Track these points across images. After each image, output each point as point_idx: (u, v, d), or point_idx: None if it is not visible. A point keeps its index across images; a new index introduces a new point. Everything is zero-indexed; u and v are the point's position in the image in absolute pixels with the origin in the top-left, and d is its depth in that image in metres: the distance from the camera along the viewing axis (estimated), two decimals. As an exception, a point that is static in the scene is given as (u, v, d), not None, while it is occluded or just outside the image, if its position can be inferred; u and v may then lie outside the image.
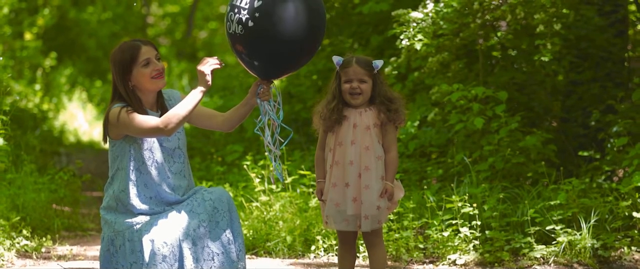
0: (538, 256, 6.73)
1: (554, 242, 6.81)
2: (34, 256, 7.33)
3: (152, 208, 4.88)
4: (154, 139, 4.89)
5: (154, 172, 4.88)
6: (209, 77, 4.82)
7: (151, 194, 4.89)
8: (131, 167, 4.87)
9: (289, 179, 7.95)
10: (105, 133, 4.93)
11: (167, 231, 4.79)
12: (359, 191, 5.01)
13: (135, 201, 4.86)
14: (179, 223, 4.81)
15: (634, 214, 6.88)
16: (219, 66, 4.83)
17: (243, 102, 5.03)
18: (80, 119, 18.97)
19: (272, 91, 4.97)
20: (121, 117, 4.80)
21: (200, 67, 4.82)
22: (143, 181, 4.87)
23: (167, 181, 4.90)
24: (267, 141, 5.01)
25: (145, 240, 4.78)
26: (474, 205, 7.02)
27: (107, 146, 4.98)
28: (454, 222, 7.02)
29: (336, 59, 5.12)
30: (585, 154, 8.33)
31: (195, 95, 4.82)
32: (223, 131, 5.13)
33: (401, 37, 8.59)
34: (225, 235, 4.85)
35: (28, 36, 20.69)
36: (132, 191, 4.86)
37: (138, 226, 4.82)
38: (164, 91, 5.05)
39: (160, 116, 4.88)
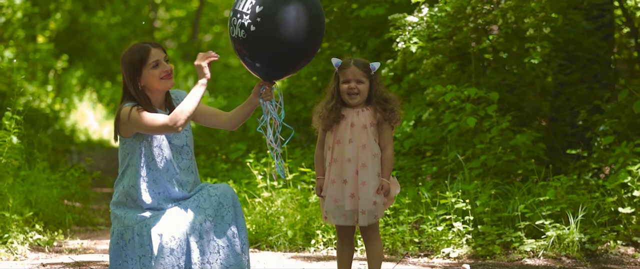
0: (528, 249, 6.74)
1: (543, 236, 6.82)
2: (47, 250, 7.33)
3: (160, 204, 4.88)
4: (163, 137, 4.90)
5: (163, 168, 4.89)
6: (206, 70, 4.83)
7: (160, 189, 4.89)
8: (141, 164, 4.87)
9: (290, 176, 7.95)
10: (116, 131, 4.93)
11: (175, 226, 4.80)
12: (356, 188, 5.01)
13: (145, 196, 4.87)
14: (186, 217, 4.82)
15: (620, 209, 6.89)
16: (215, 58, 4.85)
17: (246, 102, 5.03)
18: (90, 118, 18.99)
19: (274, 92, 4.98)
20: (132, 115, 4.81)
21: (197, 62, 4.84)
22: (152, 177, 4.88)
23: (175, 177, 4.91)
24: (269, 139, 5.01)
25: (154, 234, 4.79)
26: (467, 201, 7.02)
27: (117, 144, 4.99)
28: (447, 217, 7.02)
29: (335, 60, 5.13)
30: (573, 152, 8.33)
31: (198, 89, 4.84)
32: (227, 129, 5.13)
33: (397, 40, 8.59)
34: (230, 229, 4.86)
35: (41, 39, 20.70)
36: (142, 186, 4.87)
37: (147, 221, 4.83)
38: (172, 90, 5.05)
39: (169, 115, 4.90)
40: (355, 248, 6.80)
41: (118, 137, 4.95)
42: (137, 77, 4.89)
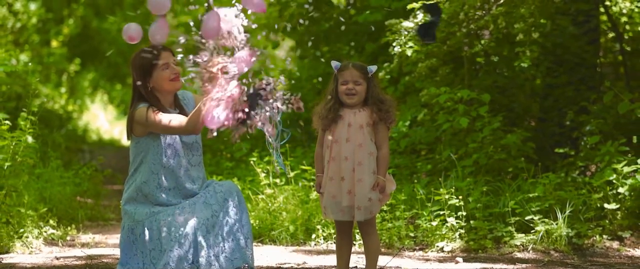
0: (518, 243, 6.74)
1: (532, 231, 6.82)
2: (60, 244, 7.33)
3: (170, 200, 4.89)
4: (175, 135, 4.91)
5: (175, 165, 4.89)
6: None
7: (171, 186, 4.89)
8: (154, 161, 4.87)
9: (291, 174, 7.95)
10: (129, 131, 4.93)
11: (183, 221, 4.80)
12: (353, 184, 5.01)
13: (156, 192, 4.87)
14: (194, 213, 4.82)
15: (605, 205, 6.89)
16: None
17: None
18: (101, 119, 19.02)
19: (272, 91, 4.96)
20: (149, 117, 4.81)
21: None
22: (164, 173, 4.88)
23: (187, 173, 4.91)
24: (268, 135, 4.99)
25: (163, 229, 4.79)
26: (460, 197, 7.02)
27: (128, 143, 4.99)
28: (441, 213, 7.02)
29: (334, 63, 5.13)
30: (561, 151, 8.34)
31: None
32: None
33: (393, 44, 8.60)
34: (235, 224, 4.86)
35: (54, 44, 20.72)
36: (154, 182, 4.87)
37: (157, 216, 4.83)
38: (178, 92, 5.06)
39: (178, 113, 4.90)
40: (354, 242, 6.80)
41: (131, 136, 4.95)
42: (147, 78, 4.90)
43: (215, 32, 4.51)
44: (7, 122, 7.39)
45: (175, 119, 4.81)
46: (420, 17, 8.56)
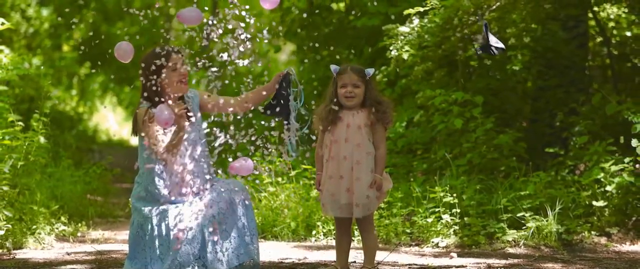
0: (510, 239, 6.74)
1: (523, 227, 6.82)
2: (71, 240, 7.34)
3: (176, 198, 4.89)
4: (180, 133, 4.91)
5: (179, 161, 4.89)
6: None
7: (177, 181, 4.89)
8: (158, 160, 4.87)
9: (293, 173, 7.95)
10: (134, 129, 4.93)
11: (191, 218, 4.81)
12: (351, 183, 5.02)
13: (163, 191, 4.87)
14: (201, 210, 4.82)
15: (594, 203, 6.90)
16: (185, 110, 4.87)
17: (263, 87, 5.03)
18: (111, 120, 19.02)
19: (293, 80, 5.00)
20: (145, 124, 4.82)
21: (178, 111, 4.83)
22: (169, 171, 4.88)
23: (191, 171, 4.91)
24: (291, 118, 5.03)
25: (172, 225, 4.80)
26: (454, 195, 7.02)
27: (136, 143, 4.99)
28: (436, 210, 7.02)
29: (333, 67, 5.14)
30: (551, 150, 8.34)
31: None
32: (235, 113, 5.11)
33: (391, 48, 8.60)
34: (240, 220, 4.87)
35: (65, 48, 20.71)
36: (160, 181, 4.87)
37: (165, 213, 4.83)
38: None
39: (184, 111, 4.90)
40: (353, 238, 6.80)
41: (137, 134, 4.95)
42: (154, 79, 4.90)
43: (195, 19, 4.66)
44: (20, 123, 7.40)
45: (160, 144, 4.80)
46: (416, 22, 8.56)
